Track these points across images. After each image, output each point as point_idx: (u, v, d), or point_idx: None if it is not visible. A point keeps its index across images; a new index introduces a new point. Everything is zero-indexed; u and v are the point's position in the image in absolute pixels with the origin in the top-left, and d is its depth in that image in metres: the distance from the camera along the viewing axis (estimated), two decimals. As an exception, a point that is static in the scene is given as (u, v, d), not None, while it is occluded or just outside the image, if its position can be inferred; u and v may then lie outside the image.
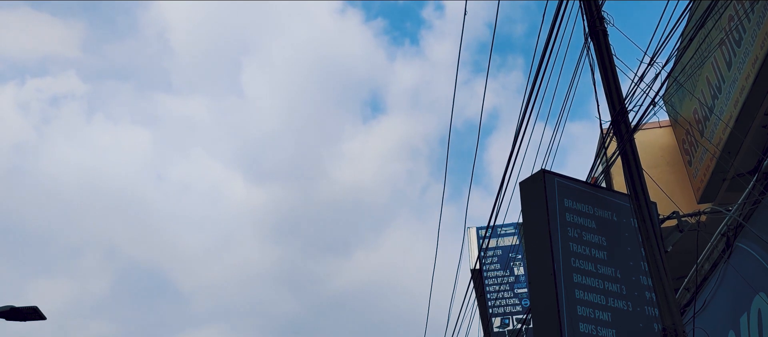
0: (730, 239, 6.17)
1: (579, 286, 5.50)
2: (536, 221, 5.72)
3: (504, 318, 17.39)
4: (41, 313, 12.44)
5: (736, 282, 6.22)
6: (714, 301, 6.59)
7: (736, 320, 6.19)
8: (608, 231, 5.92)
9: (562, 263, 5.47)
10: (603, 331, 5.37)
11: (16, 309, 12.30)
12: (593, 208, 6.00)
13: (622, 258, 5.83)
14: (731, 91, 8.01)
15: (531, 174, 6.11)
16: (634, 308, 5.62)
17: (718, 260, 6.44)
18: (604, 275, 5.67)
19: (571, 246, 5.64)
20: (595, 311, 5.43)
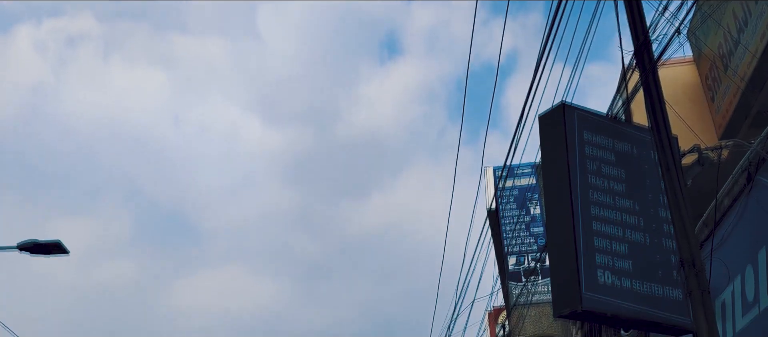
0: (752, 174, 6.10)
1: (596, 218, 5.48)
2: (555, 154, 5.67)
3: (519, 257, 17.51)
4: (64, 247, 12.69)
5: (755, 217, 6.17)
6: (733, 236, 6.56)
7: (755, 255, 6.16)
8: (628, 164, 5.86)
9: (580, 196, 5.44)
10: (619, 263, 5.37)
11: (39, 244, 12.55)
12: (613, 141, 5.93)
13: (641, 191, 5.79)
14: (758, 24, 7.80)
15: (551, 107, 6.04)
16: (651, 241, 5.60)
17: (739, 195, 6.38)
18: (622, 208, 5.64)
19: (589, 179, 5.60)
20: (612, 243, 5.42)
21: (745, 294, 6.36)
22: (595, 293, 5.13)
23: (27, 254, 12.62)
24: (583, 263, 5.16)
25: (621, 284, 5.27)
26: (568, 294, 5.13)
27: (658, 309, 5.25)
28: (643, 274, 5.39)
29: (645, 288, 5.28)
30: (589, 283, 5.14)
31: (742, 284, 6.41)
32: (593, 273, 5.19)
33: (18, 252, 12.66)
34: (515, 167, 17.32)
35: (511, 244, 17.52)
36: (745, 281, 6.32)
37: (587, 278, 5.15)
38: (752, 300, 6.20)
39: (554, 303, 5.36)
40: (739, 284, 6.48)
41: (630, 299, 5.22)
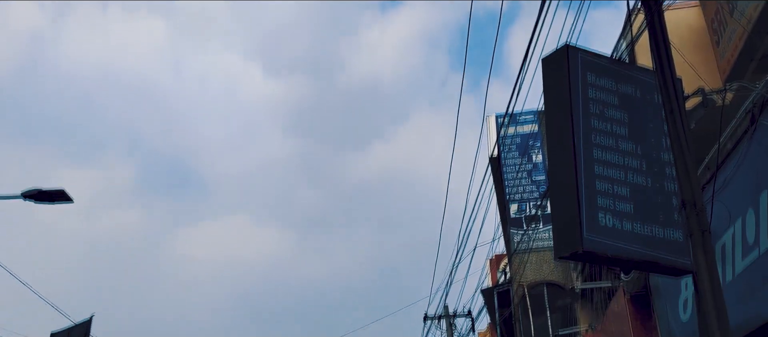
0: (755, 116, 6.07)
1: (598, 161, 5.47)
2: (557, 96, 5.62)
3: (521, 204, 17.58)
4: (68, 195, 12.75)
5: (758, 160, 6.17)
6: (734, 179, 6.57)
7: (757, 197, 6.18)
8: (631, 107, 5.82)
9: (583, 138, 5.41)
10: (621, 205, 5.38)
11: (43, 192, 12.60)
12: (616, 84, 5.87)
13: (644, 134, 5.76)
14: (766, -35, 7.65)
15: (554, 50, 5.97)
16: (653, 184, 5.60)
17: (742, 138, 6.36)
18: (625, 151, 5.62)
19: (592, 122, 5.56)
20: (614, 185, 5.42)
21: (745, 237, 6.40)
22: (596, 235, 5.14)
23: (31, 202, 12.69)
24: (584, 206, 5.16)
25: (622, 226, 5.28)
26: (569, 236, 5.14)
27: (658, 251, 5.27)
28: (644, 216, 5.40)
29: (646, 230, 5.30)
30: (590, 225, 5.15)
31: (742, 227, 6.44)
32: (594, 215, 5.20)
33: (22, 200, 12.74)
34: (517, 114, 17.26)
35: (513, 191, 17.58)
36: (746, 224, 6.36)
37: (588, 220, 5.16)
38: (752, 243, 6.25)
39: (555, 245, 5.39)
40: (739, 226, 6.51)
41: (630, 241, 5.24)
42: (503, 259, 22.46)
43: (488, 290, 19.79)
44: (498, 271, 23.06)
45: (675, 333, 8.49)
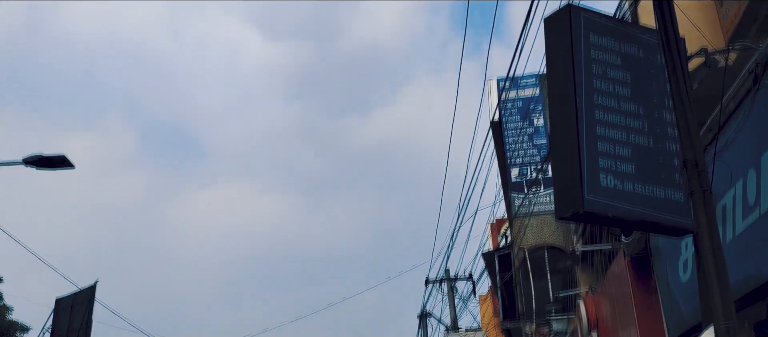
0: (758, 76, 6.03)
1: (600, 122, 5.45)
2: (559, 57, 5.59)
3: (522, 168, 17.60)
4: (69, 161, 12.76)
5: (760, 120, 6.15)
6: (736, 140, 6.56)
7: (758, 158, 6.17)
8: (633, 67, 5.78)
9: (585, 99, 5.39)
10: (622, 166, 5.38)
11: (45, 158, 12.62)
12: (619, 44, 5.83)
13: (646, 94, 5.73)
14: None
15: (556, 10, 5.91)
16: (655, 144, 5.59)
17: (744, 98, 6.34)
18: (627, 111, 5.60)
19: (594, 82, 5.54)
20: (616, 146, 5.41)
21: (746, 197, 6.41)
22: (597, 195, 5.16)
23: (33, 168, 12.71)
24: (585, 167, 5.16)
25: (623, 187, 5.29)
26: (571, 197, 5.16)
27: (659, 211, 5.29)
28: (645, 177, 5.40)
29: (647, 191, 5.31)
30: (591, 186, 5.16)
31: (743, 188, 6.45)
32: (596, 176, 5.20)
33: (24, 166, 12.76)
34: (519, 78, 17.18)
35: (514, 155, 17.58)
36: (747, 185, 6.36)
37: (590, 181, 5.16)
38: (753, 203, 6.26)
39: (556, 206, 5.41)
40: (740, 187, 6.52)
41: (632, 202, 5.25)
42: (504, 223, 22.57)
43: (489, 253, 19.92)
44: (499, 235, 23.19)
45: (675, 294, 8.56)
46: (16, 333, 26.86)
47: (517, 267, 17.52)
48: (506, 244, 19.79)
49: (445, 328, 25.48)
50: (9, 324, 26.41)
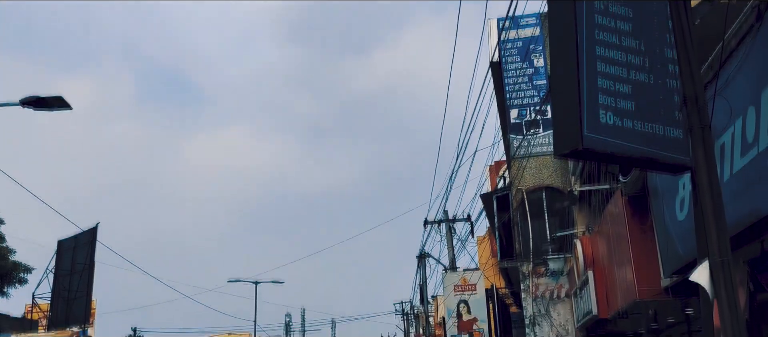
0: (761, 11, 5.95)
1: (601, 58, 5.40)
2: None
3: (521, 110, 17.54)
4: (66, 102, 12.70)
5: (762, 57, 6.10)
6: (737, 77, 6.51)
7: (758, 95, 6.14)
8: (635, 2, 5.70)
9: (586, 34, 5.33)
10: (622, 103, 5.35)
11: (41, 99, 12.55)
12: (621, -21, 5.73)
13: (648, 30, 5.66)
14: None
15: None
16: (655, 81, 5.55)
17: (746, 34, 6.27)
18: (628, 48, 5.54)
19: (595, 18, 5.46)
20: (616, 83, 5.38)
21: (745, 135, 6.41)
22: (597, 132, 5.14)
23: (30, 109, 12.66)
24: (585, 104, 5.14)
25: (622, 124, 5.27)
26: (570, 134, 5.15)
27: (658, 148, 5.29)
28: (645, 114, 5.38)
29: (646, 128, 5.30)
30: (590, 123, 5.14)
31: (742, 125, 6.44)
32: (595, 113, 5.18)
33: (21, 107, 12.70)
34: (519, 18, 16.97)
35: (513, 96, 17.50)
36: (746, 122, 6.35)
37: (589, 118, 5.14)
38: (752, 140, 6.26)
39: (555, 143, 5.40)
40: (739, 125, 6.51)
41: (630, 139, 5.25)
42: (502, 165, 22.63)
43: (487, 195, 20.03)
44: (497, 177, 23.27)
45: (671, 232, 8.64)
46: (20, 274, 27.21)
47: (516, 208, 17.65)
48: (504, 185, 19.88)
49: (444, 268, 25.83)
50: (12, 265, 26.73)
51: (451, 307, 23.72)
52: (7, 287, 27.28)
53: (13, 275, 27.02)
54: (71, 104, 13.13)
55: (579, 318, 14.78)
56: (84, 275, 48.07)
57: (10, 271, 26.78)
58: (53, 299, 49.63)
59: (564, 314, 16.28)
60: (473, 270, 25.36)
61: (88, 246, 47.18)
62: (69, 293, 48.41)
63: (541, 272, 16.78)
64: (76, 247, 49.28)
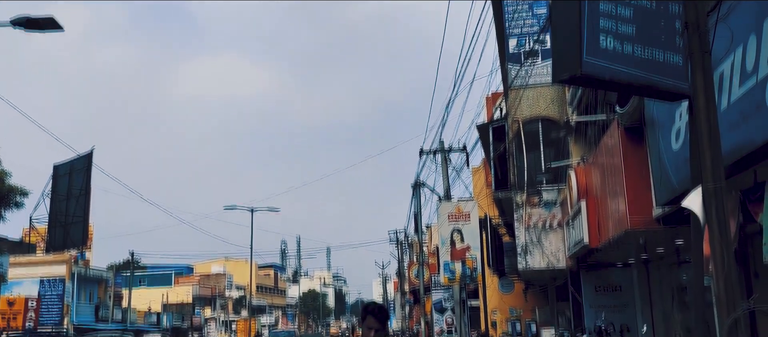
0: (770, -63, 5.81)
1: (604, -18, 5.29)
2: None
3: (520, 39, 17.34)
4: (58, 23, 12.48)
5: (767, -16, 5.99)
6: (740, 5, 6.42)
7: (760, 23, 6.06)
8: (641, -75, 5.55)
9: (589, -43, 5.20)
10: (623, 28, 5.27)
11: (32, 19, 12.33)
12: None
13: (652, -47, 5.53)
14: None
15: None
16: (657, 6, 5.46)
17: (753, -39, 6.14)
18: (631, -29, 5.43)
19: (599, -59, 5.33)
20: (618, 7, 5.29)
21: (744, 64, 6.36)
22: (596, 58, 5.09)
23: (21, 29, 12.46)
24: (585, 28, 5.06)
25: (622, 50, 5.21)
26: (569, 59, 5.09)
27: (657, 74, 5.25)
28: (645, 39, 5.31)
29: (647, 54, 5.24)
30: (590, 48, 5.08)
31: (742, 54, 6.38)
32: (596, 38, 5.11)
33: (12, 28, 12.49)
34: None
35: (513, 25, 17.27)
36: (747, 51, 6.29)
37: (589, 42, 5.08)
38: (751, 70, 6.21)
39: (554, 68, 5.35)
40: (739, 54, 6.45)
41: (630, 65, 5.20)
42: (499, 97, 22.53)
43: (484, 125, 20.01)
44: (494, 107, 23.20)
45: (665, 162, 8.67)
46: (16, 197, 27.34)
47: (511, 139, 17.66)
48: (501, 116, 19.84)
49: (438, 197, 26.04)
50: (9, 189, 26.82)
51: (445, 235, 24.03)
52: (4, 211, 27.45)
53: (9, 199, 27.15)
54: (63, 27, 12.93)
55: (570, 247, 15.01)
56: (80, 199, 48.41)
57: (7, 194, 26.88)
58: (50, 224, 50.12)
59: (555, 243, 16.51)
60: (467, 200, 25.59)
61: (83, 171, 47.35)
62: (66, 218, 48.85)
63: (534, 202, 16.92)
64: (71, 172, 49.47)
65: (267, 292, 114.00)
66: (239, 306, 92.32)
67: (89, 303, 53.37)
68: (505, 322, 27.15)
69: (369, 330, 4.72)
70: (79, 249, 51.94)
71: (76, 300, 49.93)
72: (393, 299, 78.32)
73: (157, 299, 72.09)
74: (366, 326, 4.74)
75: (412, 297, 49.49)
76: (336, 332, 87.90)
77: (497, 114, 20.33)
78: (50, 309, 44.11)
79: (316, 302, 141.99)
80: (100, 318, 52.43)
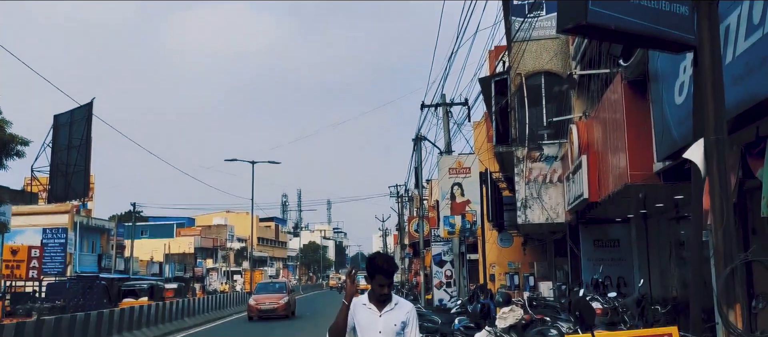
0: None
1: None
2: None
3: (524, -9, 17.11)
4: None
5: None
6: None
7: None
8: None
9: None
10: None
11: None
12: None
13: None
14: None
15: None
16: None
17: None
18: None
19: None
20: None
21: (751, 16, 6.28)
22: (602, 7, 5.03)
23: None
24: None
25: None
26: (574, 7, 5.03)
27: (663, 25, 5.19)
28: (652, -11, 5.24)
29: (652, 3, 5.18)
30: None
31: (749, 6, 6.30)
32: (602, -15, 5.05)
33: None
34: None
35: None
36: (754, 3, 6.20)
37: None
38: (758, 22, 6.14)
39: (559, 17, 5.30)
40: (746, 6, 6.37)
41: (635, 15, 5.14)
42: (502, 50, 22.34)
43: (486, 78, 19.90)
44: (496, 61, 23.03)
45: (668, 116, 8.65)
46: (17, 146, 27.35)
47: (514, 92, 17.58)
48: (504, 70, 19.71)
49: (439, 151, 26.06)
50: (9, 137, 26.81)
51: (445, 189, 24.12)
52: (5, 159, 27.48)
53: (10, 148, 27.15)
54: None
55: (569, 202, 15.07)
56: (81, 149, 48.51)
57: (7, 143, 26.88)
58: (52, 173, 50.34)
59: (555, 198, 16.57)
60: (468, 154, 25.60)
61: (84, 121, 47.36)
62: (67, 168, 49.02)
63: (535, 156, 16.92)
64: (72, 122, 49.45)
65: (268, 244, 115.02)
66: (240, 258, 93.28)
67: (92, 253, 53.93)
68: (504, 275, 27.43)
69: (381, 287, 4.66)
70: (81, 200, 52.23)
71: (78, 250, 50.43)
72: (393, 252, 79.09)
73: (159, 250, 72.79)
74: (377, 284, 4.67)
75: (412, 250, 49.95)
76: (335, 284, 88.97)
77: (500, 68, 20.19)
78: (53, 258, 44.59)
79: (316, 255, 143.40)
80: (103, 268, 53.04)
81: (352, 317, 4.70)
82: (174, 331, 24.50)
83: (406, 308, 4.78)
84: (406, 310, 4.76)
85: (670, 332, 5.76)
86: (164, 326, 24.20)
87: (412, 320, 4.75)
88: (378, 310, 4.69)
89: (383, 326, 4.64)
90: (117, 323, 20.33)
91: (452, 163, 24.37)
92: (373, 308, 4.70)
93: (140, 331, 21.93)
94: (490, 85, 19.17)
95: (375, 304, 4.71)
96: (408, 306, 4.83)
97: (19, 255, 32.22)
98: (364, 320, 4.68)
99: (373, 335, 4.65)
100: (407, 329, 4.69)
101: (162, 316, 24.42)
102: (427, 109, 25.65)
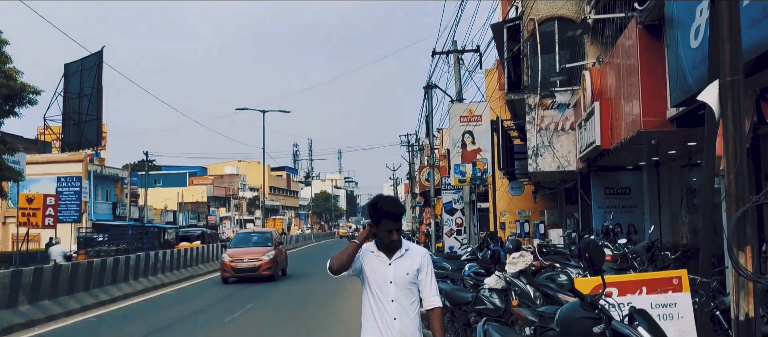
0: None
1: None
2: None
3: (539, -66, 16.73)
4: None
5: None
6: None
7: None
8: None
9: None
10: None
11: None
12: None
13: None
14: None
15: None
16: None
17: None
18: None
19: None
20: None
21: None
22: (617, -54, 4.92)
23: None
24: None
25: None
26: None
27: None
28: (669, -73, 5.11)
29: (670, -59, 5.06)
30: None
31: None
32: (617, -76, 4.93)
33: None
34: None
35: None
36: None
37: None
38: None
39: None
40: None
41: (652, -46, 5.03)
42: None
43: (498, 24, 19.63)
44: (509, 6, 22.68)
45: (682, 60, 8.52)
46: (29, 95, 27.44)
47: (526, 39, 17.36)
48: (516, 15, 19.41)
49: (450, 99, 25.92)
50: (21, 86, 26.87)
51: (456, 137, 24.06)
52: (18, 108, 27.60)
53: (22, 96, 27.24)
54: None
55: (581, 149, 15.01)
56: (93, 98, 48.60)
57: (19, 91, 26.96)
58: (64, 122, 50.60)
59: (567, 146, 16.50)
60: (479, 102, 25.45)
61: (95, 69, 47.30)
62: (80, 116, 49.23)
63: (547, 104, 16.80)
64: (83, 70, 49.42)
65: (280, 193, 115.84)
66: (253, 207, 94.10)
67: (106, 201, 54.52)
68: (514, 223, 27.55)
69: (389, 233, 4.27)
70: (94, 149, 52.60)
71: (93, 198, 50.99)
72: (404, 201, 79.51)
73: (173, 198, 73.50)
74: (384, 230, 4.27)
75: (422, 200, 50.16)
76: (345, 232, 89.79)
77: (512, 13, 19.89)
78: (68, 206, 45.13)
79: (327, 204, 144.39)
80: (118, 216, 53.71)
81: (361, 261, 4.37)
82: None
83: (419, 253, 4.40)
84: (419, 255, 4.39)
85: (680, 275, 5.79)
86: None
87: (427, 265, 4.37)
88: (387, 258, 4.33)
89: (394, 276, 4.30)
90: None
91: (463, 111, 24.24)
92: (381, 255, 4.34)
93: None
94: (502, 31, 18.92)
95: (384, 251, 4.35)
96: (421, 251, 4.45)
97: (35, 203, 32.63)
98: (373, 269, 4.35)
99: (384, 286, 4.30)
100: (421, 274, 4.34)
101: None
102: (438, 57, 25.41)
